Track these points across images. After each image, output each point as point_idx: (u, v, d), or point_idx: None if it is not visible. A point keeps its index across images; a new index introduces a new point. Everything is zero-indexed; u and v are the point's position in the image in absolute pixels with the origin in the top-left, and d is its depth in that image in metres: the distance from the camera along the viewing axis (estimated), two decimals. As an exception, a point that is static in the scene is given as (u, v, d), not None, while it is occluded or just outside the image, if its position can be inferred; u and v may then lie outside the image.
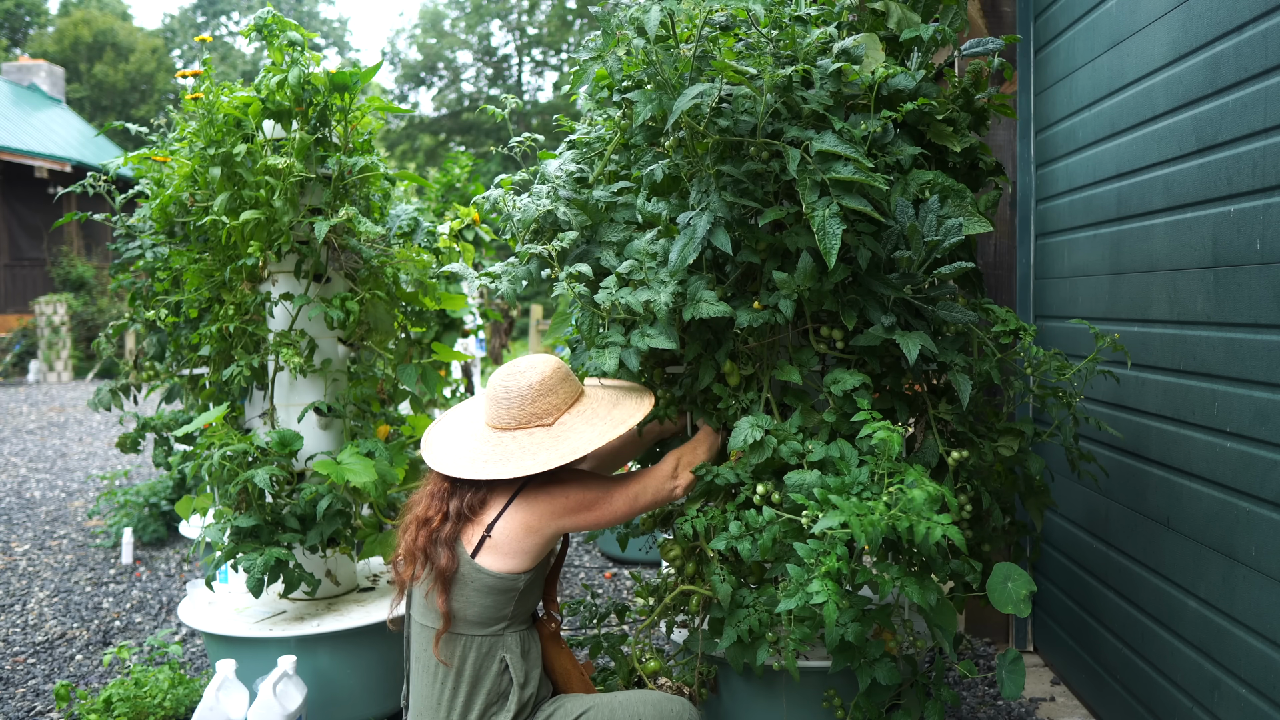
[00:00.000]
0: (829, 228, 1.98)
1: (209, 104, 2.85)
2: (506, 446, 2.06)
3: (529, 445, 2.05)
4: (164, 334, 3.28)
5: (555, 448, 2.04)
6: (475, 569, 2.00)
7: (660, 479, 2.19)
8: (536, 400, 2.08)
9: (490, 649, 2.02)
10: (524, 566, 2.02)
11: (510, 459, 2.03)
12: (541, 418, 2.09)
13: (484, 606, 2.01)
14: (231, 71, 28.51)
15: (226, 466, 2.69)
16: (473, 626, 2.02)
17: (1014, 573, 2.03)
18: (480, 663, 2.02)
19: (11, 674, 3.45)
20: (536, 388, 2.08)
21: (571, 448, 2.03)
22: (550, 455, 2.02)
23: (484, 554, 2.00)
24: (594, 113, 2.68)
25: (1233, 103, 2.11)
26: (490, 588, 2.00)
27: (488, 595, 2.00)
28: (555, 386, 2.10)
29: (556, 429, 2.08)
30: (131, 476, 6.80)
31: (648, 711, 2.03)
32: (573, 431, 2.08)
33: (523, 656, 2.05)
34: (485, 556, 2.00)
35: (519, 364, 2.13)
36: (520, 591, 2.03)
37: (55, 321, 14.19)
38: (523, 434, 2.08)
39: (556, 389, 2.11)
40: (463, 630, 2.02)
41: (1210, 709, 2.19)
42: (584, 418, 2.11)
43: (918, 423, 2.38)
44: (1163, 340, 2.43)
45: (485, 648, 2.02)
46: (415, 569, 2.06)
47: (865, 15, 2.44)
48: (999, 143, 3.35)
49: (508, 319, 7.88)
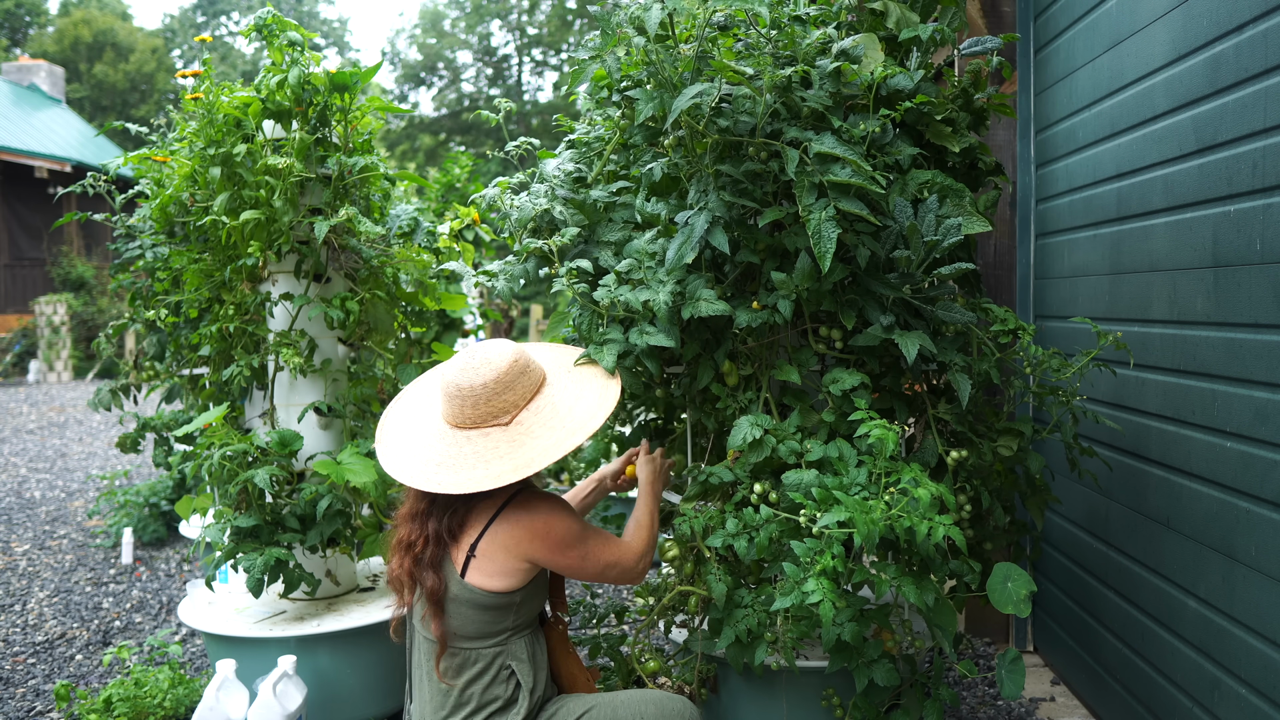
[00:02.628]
0: (824, 231, 1.98)
1: (209, 104, 2.85)
2: (461, 450, 1.97)
3: (484, 450, 1.96)
4: (164, 334, 3.28)
5: (511, 456, 1.94)
6: (466, 588, 1.95)
7: (632, 557, 2.09)
8: (492, 399, 1.98)
9: (494, 659, 1.98)
10: (514, 585, 1.97)
11: (463, 466, 1.94)
12: (498, 416, 1.99)
13: (482, 622, 1.97)
14: (231, 71, 28.51)
15: (226, 466, 2.69)
16: (474, 641, 1.98)
17: (1014, 572, 2.03)
18: (486, 673, 1.97)
19: (11, 674, 3.45)
20: (492, 386, 1.98)
21: (527, 457, 1.93)
22: (503, 467, 1.92)
23: (472, 572, 1.95)
24: (593, 112, 2.68)
25: (1233, 103, 2.11)
26: (484, 605, 1.96)
27: (484, 612, 1.96)
28: (512, 383, 2.00)
29: (513, 429, 1.99)
30: (131, 476, 6.80)
31: (649, 710, 2.01)
32: (530, 436, 1.98)
33: (530, 661, 2.01)
34: (474, 575, 1.95)
35: (474, 357, 2.02)
36: (518, 605, 1.99)
37: (55, 321, 14.19)
38: (477, 434, 1.98)
39: (513, 385, 2.00)
40: (464, 645, 1.98)
41: (1210, 709, 2.19)
42: (542, 418, 2.01)
43: (917, 422, 2.38)
44: (1163, 340, 2.43)
45: (490, 658, 1.98)
46: (405, 595, 2.01)
47: (864, 15, 2.44)
48: (999, 143, 3.35)
49: (507, 319, 7.88)
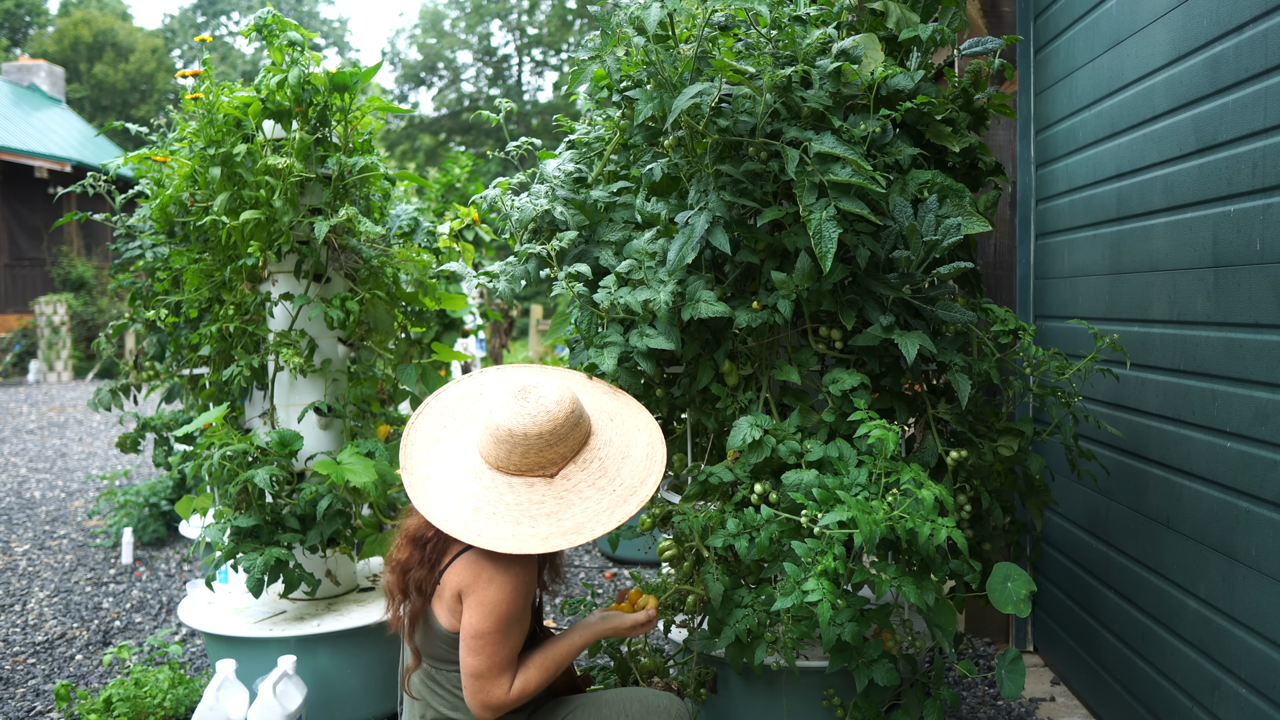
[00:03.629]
0: (825, 231, 1.98)
1: (209, 104, 2.85)
2: (502, 498, 1.84)
3: (527, 504, 1.84)
4: (164, 334, 3.28)
5: (558, 517, 1.82)
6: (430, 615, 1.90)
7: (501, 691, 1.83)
8: (544, 450, 1.87)
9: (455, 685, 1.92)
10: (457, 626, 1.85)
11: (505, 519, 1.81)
12: (545, 467, 1.88)
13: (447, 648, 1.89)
14: (231, 71, 28.51)
15: (226, 466, 2.69)
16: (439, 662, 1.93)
17: (1014, 572, 2.03)
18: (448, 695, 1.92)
19: (11, 674, 3.45)
20: (547, 437, 1.86)
21: (576, 523, 1.82)
22: (551, 529, 1.80)
23: (435, 601, 1.89)
24: (593, 113, 2.68)
25: (1233, 103, 2.11)
26: (449, 640, 1.89)
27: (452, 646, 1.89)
28: (566, 435, 1.88)
29: (559, 484, 1.87)
30: (131, 476, 6.80)
31: (634, 708, 1.99)
32: (578, 496, 1.86)
33: None
34: (436, 604, 1.89)
35: (530, 402, 1.87)
36: None
37: (55, 321, 14.19)
38: (520, 482, 1.87)
39: (566, 438, 1.88)
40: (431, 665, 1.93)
41: (1210, 709, 2.19)
42: (590, 475, 1.90)
43: (917, 423, 2.38)
44: (1163, 340, 2.43)
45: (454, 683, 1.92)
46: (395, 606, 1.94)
47: (864, 15, 2.44)
48: (999, 143, 3.35)
49: (508, 319, 7.88)
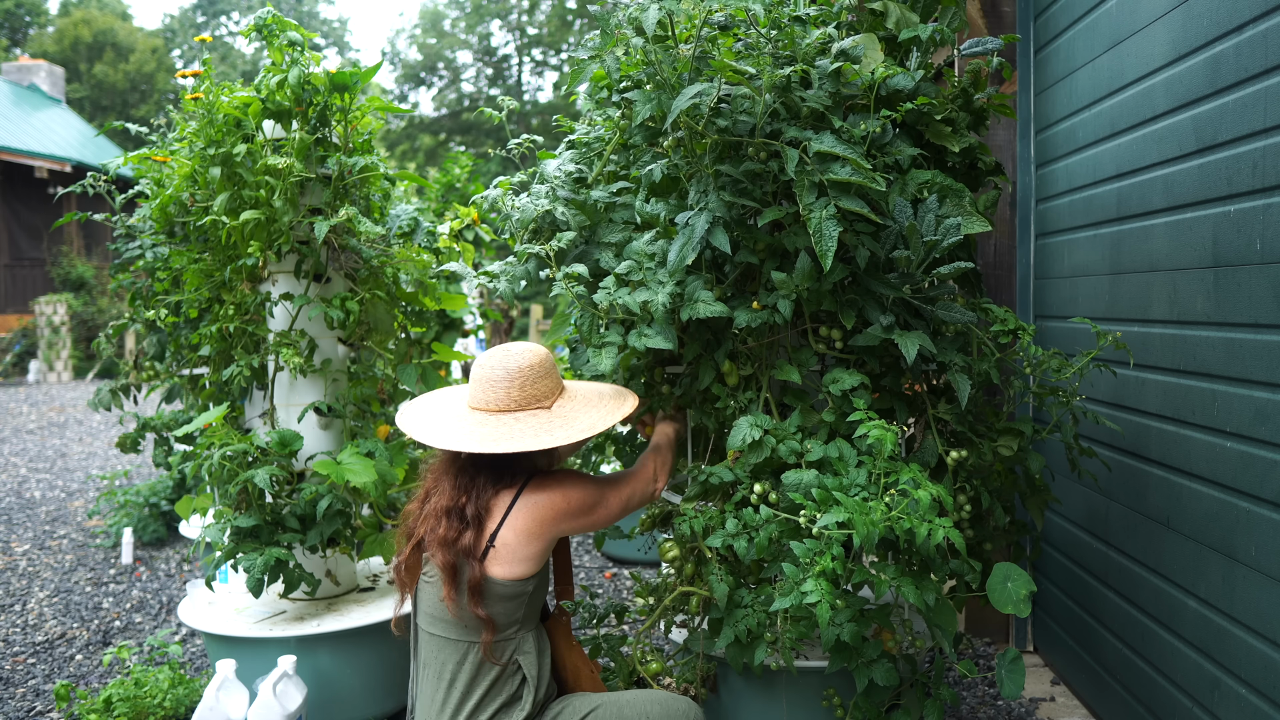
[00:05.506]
0: (825, 230, 1.98)
1: (209, 104, 2.85)
2: (511, 428, 1.99)
3: (535, 426, 2.00)
4: (164, 334, 3.28)
5: (567, 426, 2.00)
6: (487, 580, 1.96)
7: (645, 481, 2.20)
8: (537, 382, 2.05)
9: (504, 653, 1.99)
10: (531, 571, 1.99)
11: (525, 435, 1.97)
12: (540, 400, 2.05)
13: (496, 614, 1.97)
14: (231, 71, 28.50)
15: (226, 466, 2.69)
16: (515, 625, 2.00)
17: (1014, 572, 2.03)
18: (494, 668, 1.98)
19: (11, 674, 3.45)
20: (537, 368, 2.05)
21: (586, 424, 2.00)
22: (569, 431, 1.98)
23: (490, 564, 1.96)
24: (593, 113, 2.68)
25: (1233, 103, 2.11)
26: (500, 596, 1.96)
27: (498, 604, 1.97)
28: (549, 371, 2.08)
29: (557, 411, 2.05)
30: (131, 476, 6.80)
31: (655, 710, 2.01)
32: (575, 414, 2.05)
33: (537, 656, 2.02)
34: (493, 566, 1.97)
35: (509, 348, 2.09)
36: (530, 594, 2.01)
37: (55, 321, 14.19)
38: (526, 414, 2.03)
39: (550, 374, 2.09)
40: (474, 639, 1.98)
41: (1210, 709, 2.19)
42: (577, 403, 2.09)
43: (917, 423, 2.38)
44: (1163, 340, 2.43)
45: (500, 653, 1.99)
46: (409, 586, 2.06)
47: (864, 15, 2.44)
48: (999, 143, 3.35)
49: (507, 319, 7.88)
